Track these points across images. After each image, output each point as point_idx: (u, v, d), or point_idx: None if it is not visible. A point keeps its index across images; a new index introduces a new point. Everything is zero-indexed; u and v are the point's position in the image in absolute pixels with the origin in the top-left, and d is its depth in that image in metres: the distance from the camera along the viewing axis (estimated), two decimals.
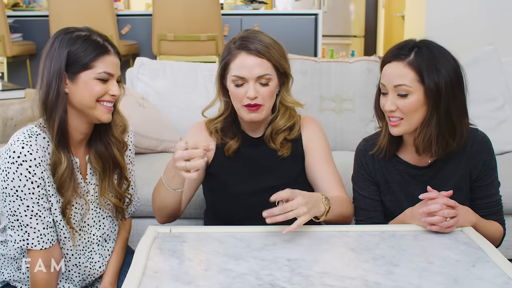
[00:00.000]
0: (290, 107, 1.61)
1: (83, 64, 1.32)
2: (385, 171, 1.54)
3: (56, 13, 4.12)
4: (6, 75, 4.24)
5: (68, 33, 1.34)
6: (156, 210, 1.57)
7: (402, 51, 1.41)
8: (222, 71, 1.56)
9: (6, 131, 2.58)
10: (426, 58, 1.38)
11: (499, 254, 1.24)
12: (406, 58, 1.39)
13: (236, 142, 1.60)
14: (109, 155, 1.45)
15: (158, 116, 2.45)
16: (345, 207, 1.53)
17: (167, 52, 4.20)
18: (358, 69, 2.54)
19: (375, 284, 1.10)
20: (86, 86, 1.33)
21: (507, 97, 2.53)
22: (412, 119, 1.41)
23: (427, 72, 1.37)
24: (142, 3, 5.73)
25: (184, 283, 1.11)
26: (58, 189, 1.34)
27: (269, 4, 5.90)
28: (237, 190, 1.59)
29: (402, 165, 1.52)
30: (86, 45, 1.33)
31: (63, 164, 1.33)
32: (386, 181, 1.54)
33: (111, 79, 1.36)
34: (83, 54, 1.32)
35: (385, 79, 1.42)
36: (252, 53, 1.49)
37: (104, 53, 1.34)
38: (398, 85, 1.39)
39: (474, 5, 3.97)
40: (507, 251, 2.15)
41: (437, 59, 1.39)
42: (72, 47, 1.32)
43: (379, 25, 6.57)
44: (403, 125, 1.42)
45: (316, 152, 1.62)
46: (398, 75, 1.39)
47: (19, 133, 1.31)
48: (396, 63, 1.41)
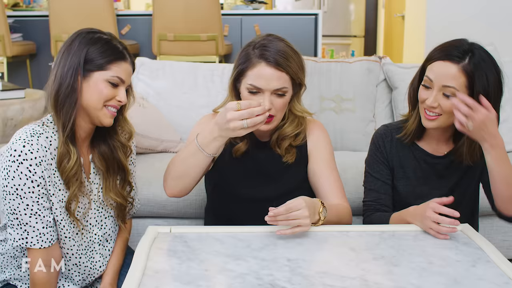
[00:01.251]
0: (299, 115, 1.60)
1: (99, 64, 1.35)
2: (402, 156, 1.61)
3: (56, 13, 4.12)
4: (6, 75, 4.24)
5: (91, 33, 1.38)
6: (173, 180, 1.50)
7: (456, 52, 1.44)
8: (237, 75, 1.53)
9: (6, 131, 2.58)
10: (479, 66, 1.42)
11: (499, 254, 1.24)
12: (460, 62, 1.43)
13: (244, 144, 1.59)
14: (113, 158, 1.46)
15: (158, 116, 2.45)
16: (342, 216, 1.52)
17: (167, 52, 4.20)
18: (358, 69, 2.54)
19: (375, 284, 1.11)
20: (96, 86, 1.35)
21: (507, 97, 2.52)
22: (448, 118, 1.46)
23: (479, 78, 1.41)
24: (142, 3, 5.73)
25: (184, 283, 1.11)
26: (65, 182, 1.35)
27: (269, 4, 5.89)
28: (239, 192, 1.59)
29: (419, 152, 1.60)
30: (106, 47, 1.36)
31: (73, 157, 1.34)
32: (401, 165, 1.61)
33: (121, 85, 1.38)
34: (102, 55, 1.35)
35: (434, 76, 1.45)
36: (271, 65, 1.46)
37: (121, 59, 1.37)
38: (447, 86, 1.43)
39: (474, 5, 3.97)
40: (507, 251, 2.15)
41: (489, 66, 1.44)
42: (92, 47, 1.35)
43: (379, 25, 6.57)
44: (439, 121, 1.48)
45: (319, 157, 1.61)
46: (450, 77, 1.43)
47: (21, 131, 1.31)
48: (450, 64, 1.44)
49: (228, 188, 1.60)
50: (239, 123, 1.29)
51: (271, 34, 1.55)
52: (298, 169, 1.61)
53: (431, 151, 1.59)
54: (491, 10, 3.94)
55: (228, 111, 1.30)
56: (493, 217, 2.14)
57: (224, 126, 1.32)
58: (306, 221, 1.29)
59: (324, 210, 1.39)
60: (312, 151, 1.62)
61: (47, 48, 4.32)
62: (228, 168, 1.60)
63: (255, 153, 1.60)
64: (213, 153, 1.41)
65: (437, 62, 1.46)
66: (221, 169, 1.61)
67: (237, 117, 1.29)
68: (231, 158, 1.60)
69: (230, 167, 1.60)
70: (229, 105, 1.31)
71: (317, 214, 1.37)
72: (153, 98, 2.53)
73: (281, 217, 1.28)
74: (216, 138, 1.37)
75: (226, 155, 1.60)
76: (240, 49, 1.54)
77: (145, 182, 2.01)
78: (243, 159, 1.60)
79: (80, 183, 1.38)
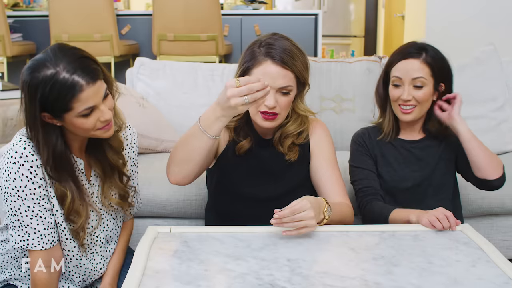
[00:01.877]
0: (302, 114, 1.60)
1: (60, 108, 1.24)
2: (382, 146, 1.78)
3: (56, 13, 4.12)
4: (6, 75, 4.24)
5: (34, 75, 1.22)
6: (176, 166, 1.48)
7: (414, 50, 1.67)
8: (242, 73, 1.53)
9: (6, 131, 2.58)
10: (435, 57, 1.67)
11: (499, 254, 1.24)
12: (420, 56, 1.66)
13: (248, 142, 1.59)
14: (106, 160, 1.42)
15: (158, 116, 2.45)
16: (345, 215, 1.52)
17: (167, 52, 4.19)
18: (358, 69, 2.54)
19: (375, 284, 1.11)
20: (73, 124, 1.27)
21: (507, 97, 2.53)
22: (422, 108, 1.68)
23: (440, 67, 1.67)
24: (142, 3, 5.73)
25: (184, 283, 1.11)
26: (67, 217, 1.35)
27: (269, 4, 5.89)
28: (243, 190, 1.59)
29: (397, 141, 1.78)
30: (55, 89, 1.21)
31: (68, 197, 1.33)
32: (382, 155, 1.77)
33: (97, 107, 1.28)
34: (56, 99, 1.22)
35: (402, 73, 1.66)
36: (277, 63, 1.47)
37: (77, 92, 1.22)
38: (416, 77, 1.65)
39: (474, 5, 3.96)
40: (507, 251, 2.15)
41: (441, 56, 1.70)
42: (43, 92, 1.22)
43: (379, 25, 6.57)
44: (415, 112, 1.68)
45: (321, 156, 1.62)
46: (416, 69, 1.65)
47: (21, 133, 1.31)
48: (412, 60, 1.66)
49: (231, 186, 1.60)
50: (240, 100, 1.28)
51: (277, 33, 1.55)
52: (301, 167, 1.62)
53: (407, 138, 1.77)
54: (491, 10, 3.93)
55: (228, 89, 1.29)
56: (493, 217, 2.15)
57: (226, 104, 1.30)
58: (312, 222, 1.30)
59: (329, 209, 1.39)
60: (314, 149, 1.63)
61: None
62: (231, 165, 1.60)
63: (258, 151, 1.60)
64: (216, 135, 1.39)
65: (400, 62, 1.68)
66: (224, 166, 1.61)
67: (236, 94, 1.28)
68: (234, 156, 1.60)
69: (233, 164, 1.60)
70: (228, 82, 1.29)
71: (322, 213, 1.37)
72: (153, 98, 2.53)
73: (286, 219, 1.28)
74: (218, 118, 1.35)
75: (229, 153, 1.60)
76: (246, 47, 1.54)
77: (145, 182, 2.01)
78: (247, 156, 1.60)
79: (86, 215, 1.38)
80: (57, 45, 1.28)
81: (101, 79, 1.28)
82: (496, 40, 2.74)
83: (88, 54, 1.29)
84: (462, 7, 3.98)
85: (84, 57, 1.26)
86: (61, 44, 1.29)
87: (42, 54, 1.26)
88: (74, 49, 1.27)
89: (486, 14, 3.93)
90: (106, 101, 1.30)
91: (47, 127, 1.28)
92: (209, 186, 1.71)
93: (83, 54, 1.27)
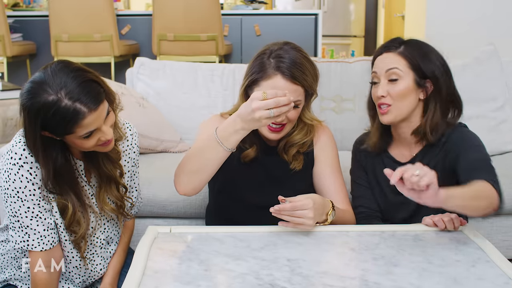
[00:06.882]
0: (308, 123, 1.60)
1: (61, 132, 1.22)
2: (374, 162, 1.63)
3: (56, 13, 4.12)
4: (6, 75, 4.25)
5: (34, 100, 1.18)
6: (187, 176, 1.44)
7: (391, 44, 1.55)
8: (250, 83, 1.51)
9: (6, 131, 2.58)
10: (416, 49, 1.51)
11: (499, 254, 1.24)
12: (397, 49, 1.52)
13: (253, 150, 1.58)
14: (102, 170, 1.39)
15: (158, 116, 2.45)
16: (347, 220, 1.53)
17: (167, 52, 4.19)
18: (358, 69, 2.54)
19: (375, 284, 1.11)
20: (75, 143, 1.26)
21: (507, 97, 2.52)
22: (401, 106, 1.49)
23: (422, 60, 1.49)
24: (142, 3, 5.73)
25: (184, 283, 1.11)
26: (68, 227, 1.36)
27: (269, 4, 5.89)
28: (247, 199, 1.58)
29: (388, 159, 1.60)
30: (56, 116, 1.18)
31: (70, 209, 1.32)
32: (374, 173, 1.63)
33: (98, 129, 1.25)
34: (57, 125, 1.20)
35: (377, 68, 1.53)
36: (287, 78, 1.45)
37: (80, 120, 1.19)
38: (389, 69, 1.50)
39: (474, 5, 3.96)
40: (507, 251, 2.15)
41: (426, 50, 1.53)
42: (44, 117, 1.19)
43: (379, 25, 6.57)
44: (392, 111, 1.50)
45: (325, 161, 1.62)
46: (390, 61, 1.51)
47: (21, 134, 1.30)
48: (387, 54, 1.53)
49: (235, 193, 1.59)
50: (265, 113, 1.26)
51: (288, 42, 1.53)
52: (305, 175, 1.61)
53: (399, 158, 1.58)
54: (491, 10, 3.93)
55: (253, 101, 1.27)
56: (493, 217, 2.14)
57: (249, 117, 1.28)
58: (310, 222, 1.30)
59: (333, 213, 1.39)
60: (318, 155, 1.63)
61: (47, 48, 4.32)
62: (237, 173, 1.59)
63: (263, 158, 1.60)
64: (232, 148, 1.37)
65: (377, 58, 1.55)
66: (229, 174, 1.58)
67: (263, 107, 1.26)
68: (239, 164, 1.58)
69: (238, 171, 1.59)
70: (254, 95, 1.28)
71: (325, 215, 1.37)
72: (153, 98, 2.53)
73: (285, 213, 1.29)
74: (237, 131, 1.33)
75: (234, 160, 1.57)
76: (254, 56, 1.52)
77: (145, 182, 2.01)
78: (252, 164, 1.59)
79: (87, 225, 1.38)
80: (58, 65, 1.22)
81: (104, 100, 1.24)
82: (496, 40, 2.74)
83: (91, 76, 1.23)
84: (462, 7, 3.98)
85: (86, 81, 1.21)
86: (62, 63, 1.23)
87: (42, 73, 1.20)
88: (76, 71, 1.21)
89: (486, 14, 3.93)
90: (107, 120, 1.27)
91: (47, 141, 1.25)
92: (211, 188, 1.69)
93: (86, 77, 1.21)
